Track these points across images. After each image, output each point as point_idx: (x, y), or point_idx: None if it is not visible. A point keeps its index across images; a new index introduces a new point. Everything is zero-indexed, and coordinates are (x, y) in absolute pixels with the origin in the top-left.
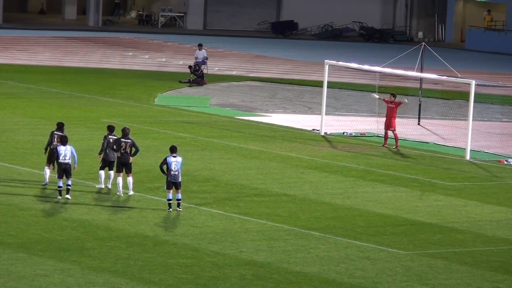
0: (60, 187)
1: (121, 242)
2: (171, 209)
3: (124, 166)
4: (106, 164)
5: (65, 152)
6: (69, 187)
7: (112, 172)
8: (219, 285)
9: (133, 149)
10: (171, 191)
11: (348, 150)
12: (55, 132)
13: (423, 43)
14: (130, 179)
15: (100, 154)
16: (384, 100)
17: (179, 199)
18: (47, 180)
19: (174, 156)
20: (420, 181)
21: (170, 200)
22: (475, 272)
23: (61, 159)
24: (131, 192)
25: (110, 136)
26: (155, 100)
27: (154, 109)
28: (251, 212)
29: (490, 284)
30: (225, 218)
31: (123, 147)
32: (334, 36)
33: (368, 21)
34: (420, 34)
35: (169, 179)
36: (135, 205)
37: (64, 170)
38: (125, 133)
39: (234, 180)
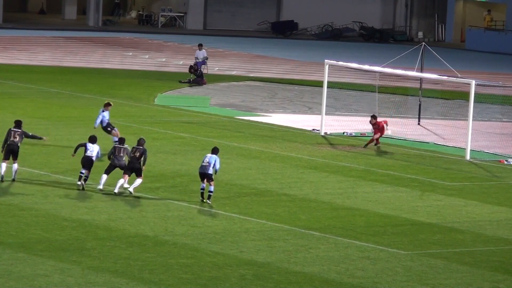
0: (82, 173)
1: (121, 242)
2: (202, 198)
3: (133, 171)
4: (112, 168)
5: (93, 148)
6: (86, 178)
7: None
8: (219, 285)
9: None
10: (203, 182)
11: (348, 150)
12: (12, 129)
13: (423, 43)
14: (139, 180)
15: (109, 158)
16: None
17: (210, 191)
18: (3, 174)
19: (212, 154)
20: (420, 181)
21: (202, 189)
22: (475, 272)
23: (88, 153)
24: (131, 189)
25: (118, 145)
26: (155, 100)
27: (154, 109)
28: (251, 212)
29: (490, 284)
30: (225, 218)
31: (133, 151)
32: (334, 36)
33: (368, 21)
34: (420, 34)
35: (199, 170)
36: (135, 205)
37: (90, 162)
38: (140, 143)
39: (234, 180)
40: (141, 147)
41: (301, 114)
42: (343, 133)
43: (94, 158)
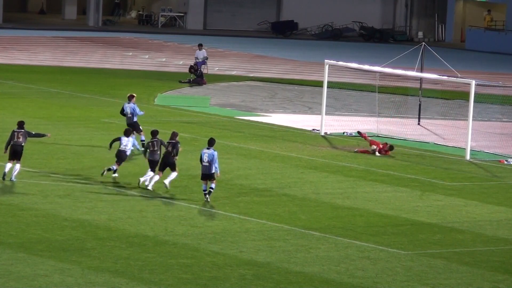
0: (112, 168)
1: (121, 242)
2: (206, 198)
3: (167, 166)
4: (153, 164)
5: (127, 142)
6: (115, 170)
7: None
8: (219, 285)
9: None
10: (205, 182)
11: (348, 150)
12: (15, 130)
13: (423, 43)
14: (175, 173)
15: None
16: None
17: (212, 188)
18: (6, 171)
19: (208, 149)
20: (420, 181)
21: (204, 190)
22: (475, 272)
23: (121, 147)
24: (167, 182)
25: (153, 139)
26: (155, 100)
27: (154, 109)
28: (251, 212)
29: (490, 284)
30: (225, 218)
31: (168, 146)
32: (334, 36)
33: (368, 21)
34: (420, 34)
35: (201, 170)
36: (135, 205)
37: (123, 156)
38: (172, 137)
39: (234, 180)
40: (173, 141)
41: (301, 114)
42: (343, 133)
43: (128, 152)
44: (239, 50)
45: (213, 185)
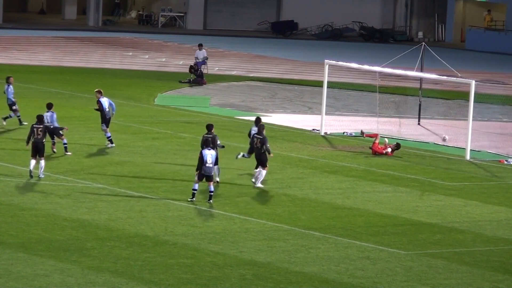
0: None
1: (121, 242)
2: (194, 199)
3: (259, 163)
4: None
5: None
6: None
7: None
8: (219, 285)
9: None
10: (199, 182)
11: (348, 150)
12: (34, 125)
13: (423, 43)
14: (264, 171)
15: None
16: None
17: (211, 191)
18: (31, 168)
19: (209, 149)
20: (420, 181)
21: (195, 190)
22: (475, 272)
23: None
24: (258, 184)
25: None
26: (155, 100)
27: (154, 109)
28: (251, 212)
29: (490, 284)
30: (225, 218)
31: (256, 142)
32: (334, 36)
33: (368, 21)
34: (420, 34)
35: (202, 171)
36: (135, 205)
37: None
38: (259, 130)
39: (234, 180)
40: (260, 137)
41: (301, 114)
42: (343, 133)
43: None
44: (239, 50)
45: (211, 187)
